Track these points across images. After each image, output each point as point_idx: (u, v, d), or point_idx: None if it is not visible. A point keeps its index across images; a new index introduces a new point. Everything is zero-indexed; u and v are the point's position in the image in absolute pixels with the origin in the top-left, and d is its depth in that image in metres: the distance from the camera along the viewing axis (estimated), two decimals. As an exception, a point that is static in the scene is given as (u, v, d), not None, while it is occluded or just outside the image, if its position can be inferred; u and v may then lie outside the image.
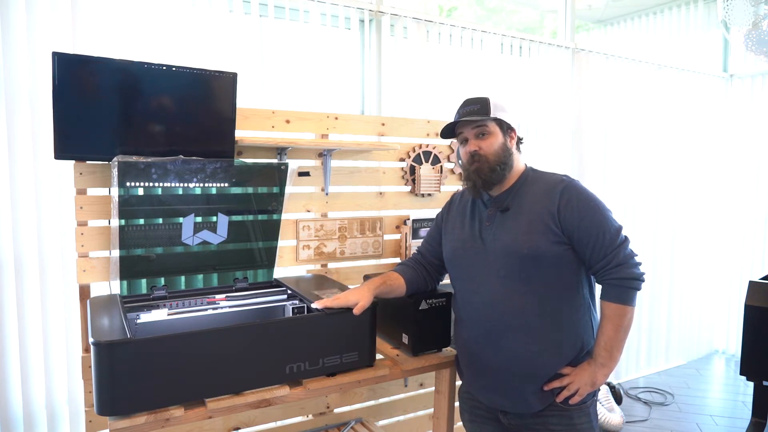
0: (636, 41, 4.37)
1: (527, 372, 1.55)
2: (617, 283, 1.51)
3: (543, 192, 1.57)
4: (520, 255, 1.53)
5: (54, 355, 2.09)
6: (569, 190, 1.54)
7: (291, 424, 2.18)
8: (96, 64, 1.69)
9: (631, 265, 1.51)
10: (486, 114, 1.58)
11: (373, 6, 2.72)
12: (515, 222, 1.56)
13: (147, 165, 1.69)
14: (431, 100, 2.90)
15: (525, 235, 1.53)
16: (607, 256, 1.50)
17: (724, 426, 3.35)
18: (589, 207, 1.52)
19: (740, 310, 3.66)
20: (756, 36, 2.90)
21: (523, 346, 1.54)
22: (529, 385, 1.55)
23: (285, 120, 2.14)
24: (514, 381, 1.57)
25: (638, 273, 1.52)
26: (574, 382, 1.53)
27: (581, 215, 1.51)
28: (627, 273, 1.50)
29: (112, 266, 1.78)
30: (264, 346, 1.49)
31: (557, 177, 1.61)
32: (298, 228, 2.20)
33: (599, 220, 1.52)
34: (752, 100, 4.40)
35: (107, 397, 1.31)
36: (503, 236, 1.57)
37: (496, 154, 1.59)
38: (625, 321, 1.52)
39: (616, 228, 1.53)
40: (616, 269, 1.50)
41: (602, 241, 1.50)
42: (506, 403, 1.61)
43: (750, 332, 2.83)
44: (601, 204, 1.55)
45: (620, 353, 1.55)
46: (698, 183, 4.35)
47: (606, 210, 1.55)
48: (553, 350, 1.54)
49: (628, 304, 1.51)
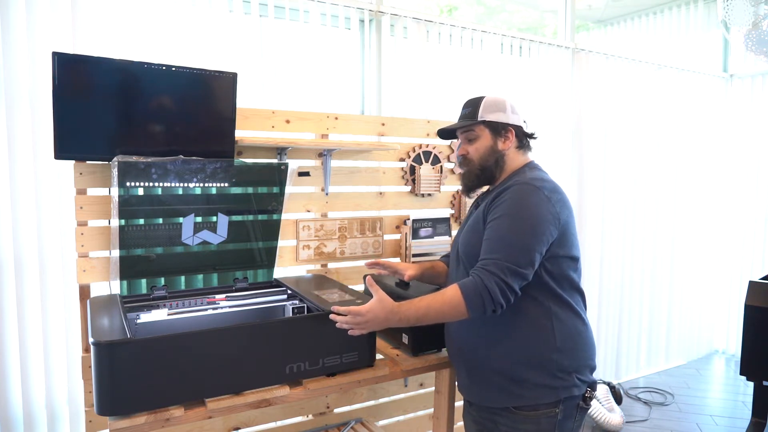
0: (636, 41, 4.36)
1: (469, 360, 1.60)
2: (480, 282, 1.39)
3: (501, 191, 1.51)
4: (467, 255, 1.57)
5: (54, 355, 2.09)
6: (508, 191, 1.48)
7: (291, 424, 2.18)
8: (96, 64, 1.69)
9: (499, 284, 1.38)
10: (474, 118, 1.61)
11: (373, 6, 2.72)
12: (470, 223, 1.62)
13: (147, 165, 1.69)
14: (431, 100, 2.90)
15: (468, 236, 1.58)
16: (485, 260, 1.42)
17: (724, 426, 3.35)
18: (508, 210, 1.44)
19: (740, 310, 3.66)
20: (756, 36, 2.90)
21: (472, 334, 1.57)
22: (472, 373, 1.59)
23: (285, 120, 2.14)
24: (461, 369, 1.64)
25: (499, 297, 1.38)
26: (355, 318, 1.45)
27: (495, 214, 1.46)
28: (491, 284, 1.38)
29: (112, 266, 1.78)
30: (264, 346, 1.50)
31: (523, 179, 1.52)
32: (298, 228, 2.20)
33: (506, 226, 1.43)
34: (752, 100, 4.40)
35: (107, 397, 1.31)
36: (461, 237, 1.65)
37: (481, 158, 1.61)
38: (452, 311, 1.41)
39: (519, 246, 1.40)
40: (486, 274, 1.39)
41: (492, 246, 1.43)
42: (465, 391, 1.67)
43: (750, 332, 2.83)
44: (527, 216, 1.43)
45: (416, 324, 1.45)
46: (698, 183, 4.35)
47: (524, 221, 1.42)
48: (499, 347, 1.52)
49: (469, 304, 1.39)
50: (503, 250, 1.41)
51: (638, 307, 4.06)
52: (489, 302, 1.39)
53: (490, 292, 1.38)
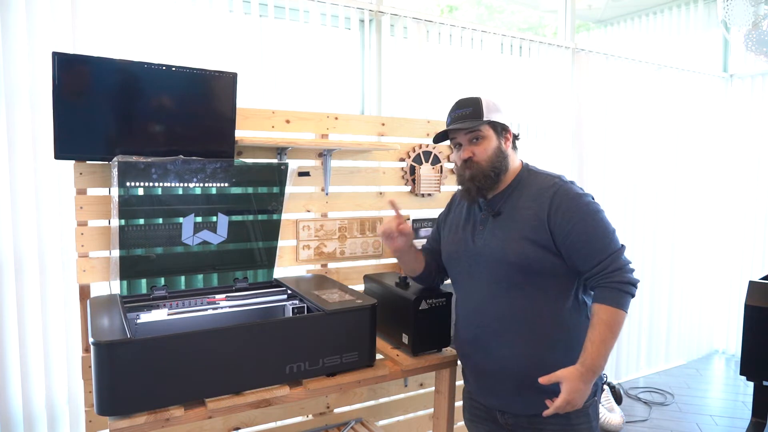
0: (636, 41, 4.36)
1: (518, 376, 1.53)
2: (617, 287, 1.46)
3: (534, 196, 1.53)
4: (507, 262, 1.51)
5: (54, 355, 2.09)
6: (560, 195, 1.50)
7: (291, 424, 2.18)
8: (96, 64, 1.69)
9: (627, 271, 1.48)
10: (479, 117, 1.55)
11: (373, 6, 2.72)
12: (505, 228, 1.55)
13: (147, 165, 1.69)
14: (431, 100, 2.90)
15: (513, 242, 1.51)
16: (603, 262, 1.46)
17: (724, 426, 3.35)
18: (581, 211, 1.48)
19: (740, 310, 3.66)
20: (756, 36, 2.90)
21: (510, 350, 1.53)
22: (522, 388, 1.54)
23: (285, 120, 2.14)
24: (507, 384, 1.56)
25: (635, 279, 1.48)
26: (569, 403, 1.43)
27: (573, 220, 1.47)
28: (626, 278, 1.46)
29: (112, 266, 1.78)
30: (264, 346, 1.50)
31: (550, 179, 1.56)
32: (298, 228, 2.20)
33: (592, 225, 1.47)
34: (752, 100, 4.40)
35: (107, 397, 1.31)
36: (493, 242, 1.55)
37: (489, 160, 1.56)
38: (619, 326, 1.47)
39: (611, 232, 1.49)
40: (613, 273, 1.46)
41: (597, 245, 1.47)
42: (504, 404, 1.60)
43: (750, 332, 2.83)
44: (593, 207, 1.50)
45: (607, 359, 1.48)
46: (698, 183, 4.35)
47: (599, 213, 1.50)
48: (543, 354, 1.51)
49: (624, 309, 1.46)
50: (608, 244, 1.48)
51: (638, 307, 4.06)
52: (634, 290, 1.48)
53: (632, 283, 1.47)
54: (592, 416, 1.58)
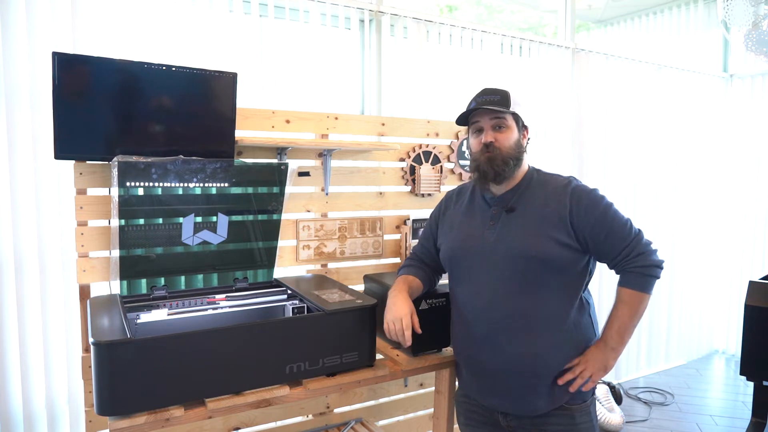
0: (636, 41, 4.36)
1: (531, 373, 1.53)
2: (640, 271, 1.52)
3: (551, 194, 1.56)
4: (527, 257, 1.51)
5: (54, 355, 2.09)
6: (578, 192, 1.55)
7: (291, 424, 2.18)
8: (96, 64, 1.69)
9: (651, 253, 1.54)
10: (507, 106, 1.56)
11: (373, 6, 2.72)
12: (522, 223, 1.55)
13: (147, 165, 1.69)
14: (431, 100, 2.90)
15: (533, 237, 1.52)
16: (627, 248, 1.52)
17: (724, 426, 3.35)
18: (599, 205, 1.54)
19: (740, 310, 3.66)
20: (756, 36, 2.90)
21: (525, 348, 1.52)
22: (535, 386, 1.54)
23: (285, 120, 2.14)
24: (518, 383, 1.55)
25: (659, 260, 1.55)
26: (587, 369, 1.53)
27: (594, 214, 1.52)
28: (650, 261, 1.53)
29: (112, 266, 1.78)
30: (264, 346, 1.50)
31: (563, 179, 1.61)
32: (298, 228, 2.20)
33: (611, 217, 1.54)
34: (752, 100, 4.40)
35: (107, 397, 1.31)
36: (508, 237, 1.55)
37: (510, 149, 1.56)
38: (641, 308, 1.55)
39: (627, 220, 1.56)
40: (638, 258, 1.52)
41: (619, 234, 1.53)
42: (509, 405, 1.59)
43: (750, 332, 2.83)
44: (607, 200, 1.57)
45: (629, 338, 1.56)
46: (698, 183, 4.35)
47: (612, 205, 1.57)
48: (556, 351, 1.53)
49: (647, 291, 1.54)
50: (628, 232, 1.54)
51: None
52: (659, 271, 1.54)
53: (656, 265, 1.54)
54: (593, 414, 1.61)
